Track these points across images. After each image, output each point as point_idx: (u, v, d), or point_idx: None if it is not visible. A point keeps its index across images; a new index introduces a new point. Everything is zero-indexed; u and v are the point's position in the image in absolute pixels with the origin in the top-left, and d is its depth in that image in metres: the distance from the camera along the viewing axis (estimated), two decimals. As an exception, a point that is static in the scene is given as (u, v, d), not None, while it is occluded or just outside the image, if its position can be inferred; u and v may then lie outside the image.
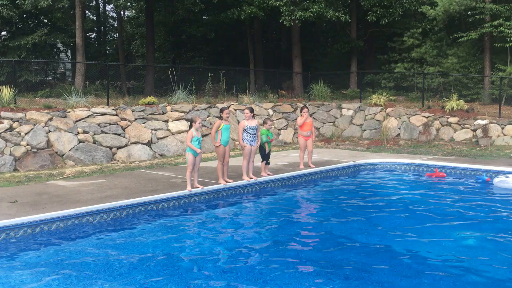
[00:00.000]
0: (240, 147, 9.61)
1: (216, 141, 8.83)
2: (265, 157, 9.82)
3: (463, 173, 10.87)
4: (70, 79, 23.99)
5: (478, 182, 10.06)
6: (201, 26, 24.60)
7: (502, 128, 14.88)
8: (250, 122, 9.27)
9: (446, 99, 17.09)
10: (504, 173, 9.92)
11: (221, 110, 8.96)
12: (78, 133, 12.03)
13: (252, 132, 9.26)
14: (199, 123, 8.36)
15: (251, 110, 9.34)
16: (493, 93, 18.01)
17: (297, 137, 12.46)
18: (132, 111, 13.46)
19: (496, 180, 9.67)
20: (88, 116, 12.57)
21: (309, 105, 18.29)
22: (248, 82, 20.20)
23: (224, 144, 8.83)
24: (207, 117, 14.93)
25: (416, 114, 16.84)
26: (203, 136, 14.45)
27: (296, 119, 17.38)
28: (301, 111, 11.11)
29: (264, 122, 9.92)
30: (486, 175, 10.07)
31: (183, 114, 14.42)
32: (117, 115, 13.09)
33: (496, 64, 18.34)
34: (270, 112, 16.96)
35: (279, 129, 16.74)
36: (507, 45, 17.19)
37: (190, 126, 8.37)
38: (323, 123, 18.03)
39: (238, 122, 15.70)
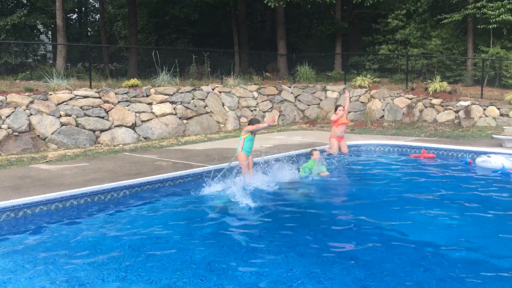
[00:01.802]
0: None
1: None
2: None
3: (445, 154, 11.02)
4: (51, 61, 23.52)
5: (461, 162, 10.26)
6: (185, 7, 24.24)
7: (484, 109, 15.06)
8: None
9: (430, 81, 17.21)
10: (485, 153, 10.11)
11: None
12: (60, 116, 11.86)
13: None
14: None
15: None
16: (475, 74, 18.18)
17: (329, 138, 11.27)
18: (115, 94, 13.29)
19: (478, 160, 9.88)
20: (70, 99, 12.38)
21: (294, 87, 18.27)
22: (232, 64, 20.06)
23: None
24: (192, 99, 14.82)
25: (400, 96, 16.95)
26: (187, 118, 14.38)
27: (281, 101, 17.39)
28: (335, 110, 10.89)
29: (310, 154, 9.35)
30: (469, 156, 10.27)
31: (167, 96, 14.30)
32: (100, 97, 12.92)
33: (479, 45, 18.48)
34: (255, 94, 16.90)
35: (264, 112, 16.71)
36: (490, 27, 17.29)
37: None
38: (308, 105, 18.05)
39: (223, 104, 15.66)
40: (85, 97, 12.64)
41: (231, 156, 9.95)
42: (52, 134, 11.50)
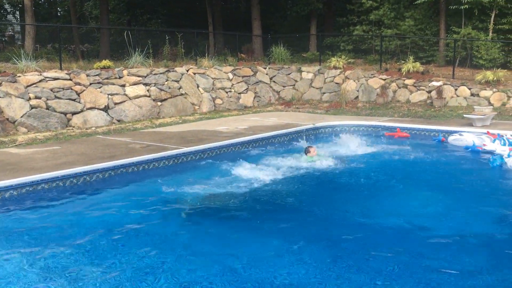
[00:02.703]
0: None
1: None
2: None
3: (418, 134, 11.23)
4: (20, 42, 22.83)
5: (434, 141, 10.57)
6: (157, -14, 23.75)
7: (456, 89, 15.31)
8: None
9: (403, 62, 17.36)
10: (456, 132, 10.39)
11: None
12: (30, 98, 11.55)
13: None
14: None
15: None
16: (447, 55, 18.41)
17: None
18: (87, 76, 13.00)
19: (451, 138, 10.23)
20: (40, 81, 12.06)
21: (269, 68, 18.18)
22: (207, 45, 19.82)
23: None
24: (166, 81, 14.62)
25: (374, 76, 17.07)
26: (161, 100, 14.20)
27: (256, 82, 17.31)
28: None
29: (307, 151, 8.95)
30: (441, 135, 10.56)
31: (140, 78, 14.06)
32: (70, 79, 12.62)
33: (451, 26, 18.67)
34: (230, 75, 16.78)
35: (239, 93, 16.63)
36: (462, 7, 17.46)
37: None
38: (283, 86, 18.03)
39: (198, 86, 15.51)
40: (55, 79, 12.33)
41: (206, 138, 9.91)
42: (21, 117, 11.21)
